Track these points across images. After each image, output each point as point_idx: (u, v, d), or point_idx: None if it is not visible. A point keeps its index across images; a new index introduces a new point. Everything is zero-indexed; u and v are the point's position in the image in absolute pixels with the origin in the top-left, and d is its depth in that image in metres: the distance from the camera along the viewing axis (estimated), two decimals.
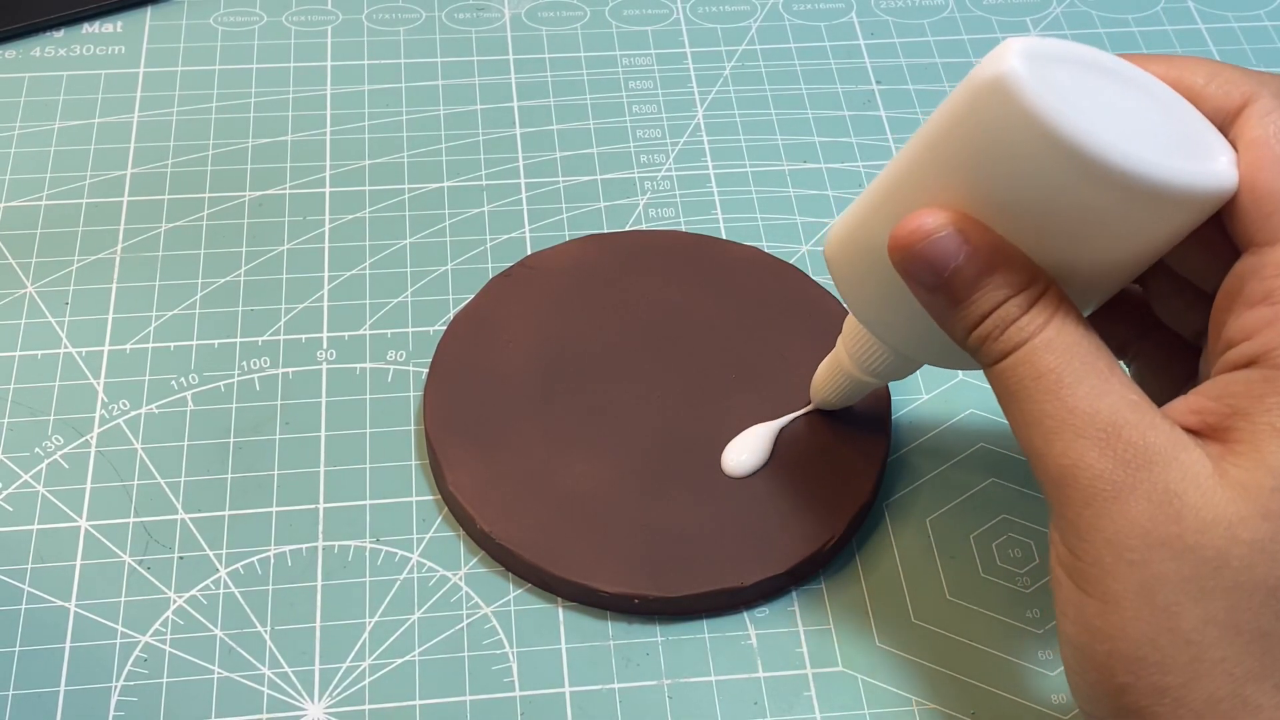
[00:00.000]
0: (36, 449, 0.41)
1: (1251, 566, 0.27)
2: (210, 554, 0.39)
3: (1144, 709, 0.28)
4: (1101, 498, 0.28)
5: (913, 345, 0.35)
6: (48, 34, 0.52)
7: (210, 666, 0.37)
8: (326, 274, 0.45)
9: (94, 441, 0.41)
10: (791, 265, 0.45)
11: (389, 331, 0.44)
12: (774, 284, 0.44)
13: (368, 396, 0.42)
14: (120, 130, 0.49)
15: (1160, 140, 0.29)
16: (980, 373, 0.34)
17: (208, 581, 0.38)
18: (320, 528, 0.39)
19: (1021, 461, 0.41)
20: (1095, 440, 0.28)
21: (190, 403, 0.42)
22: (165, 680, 0.36)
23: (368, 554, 0.39)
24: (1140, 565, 0.28)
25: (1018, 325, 0.30)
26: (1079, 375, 0.29)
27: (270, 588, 0.38)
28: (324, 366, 0.43)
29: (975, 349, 0.31)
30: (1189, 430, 0.29)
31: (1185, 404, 0.29)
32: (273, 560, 0.39)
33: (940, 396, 0.43)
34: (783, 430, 0.40)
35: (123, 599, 0.38)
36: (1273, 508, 0.27)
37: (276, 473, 0.40)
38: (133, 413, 0.41)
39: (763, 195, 0.48)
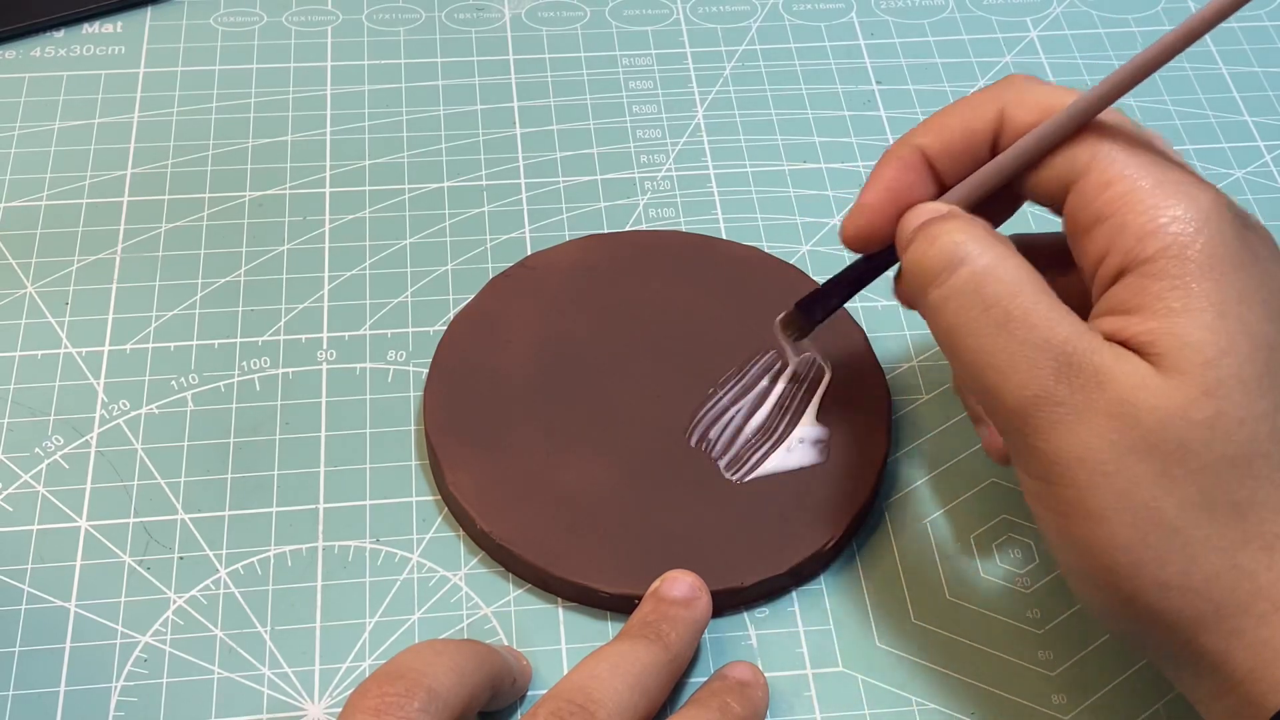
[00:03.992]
0: (36, 449, 0.41)
1: (1209, 444, 0.29)
2: (210, 554, 0.39)
3: (1156, 608, 0.30)
4: (1066, 422, 0.30)
5: None
6: (48, 34, 0.52)
7: (210, 667, 0.37)
8: (326, 274, 0.45)
9: (94, 441, 0.41)
10: (791, 265, 0.45)
11: (389, 331, 0.44)
12: (774, 284, 0.44)
13: (368, 396, 0.42)
14: (120, 130, 0.49)
15: None
16: None
17: (208, 581, 0.38)
18: (320, 528, 0.39)
19: None
20: (1051, 369, 0.30)
21: (190, 403, 0.42)
22: (165, 680, 0.36)
23: (368, 554, 0.39)
24: (1114, 474, 0.29)
25: (964, 254, 0.32)
26: (1028, 307, 0.31)
27: (270, 588, 0.38)
28: (324, 367, 0.43)
29: (919, 280, 0.33)
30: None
31: (1097, 330, 0.31)
32: (273, 560, 0.39)
33: (940, 397, 0.43)
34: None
35: (123, 599, 0.38)
36: (1210, 383, 0.29)
37: (276, 473, 0.40)
38: (133, 413, 0.41)
39: (763, 195, 0.48)
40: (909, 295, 0.35)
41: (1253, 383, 0.29)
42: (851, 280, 0.37)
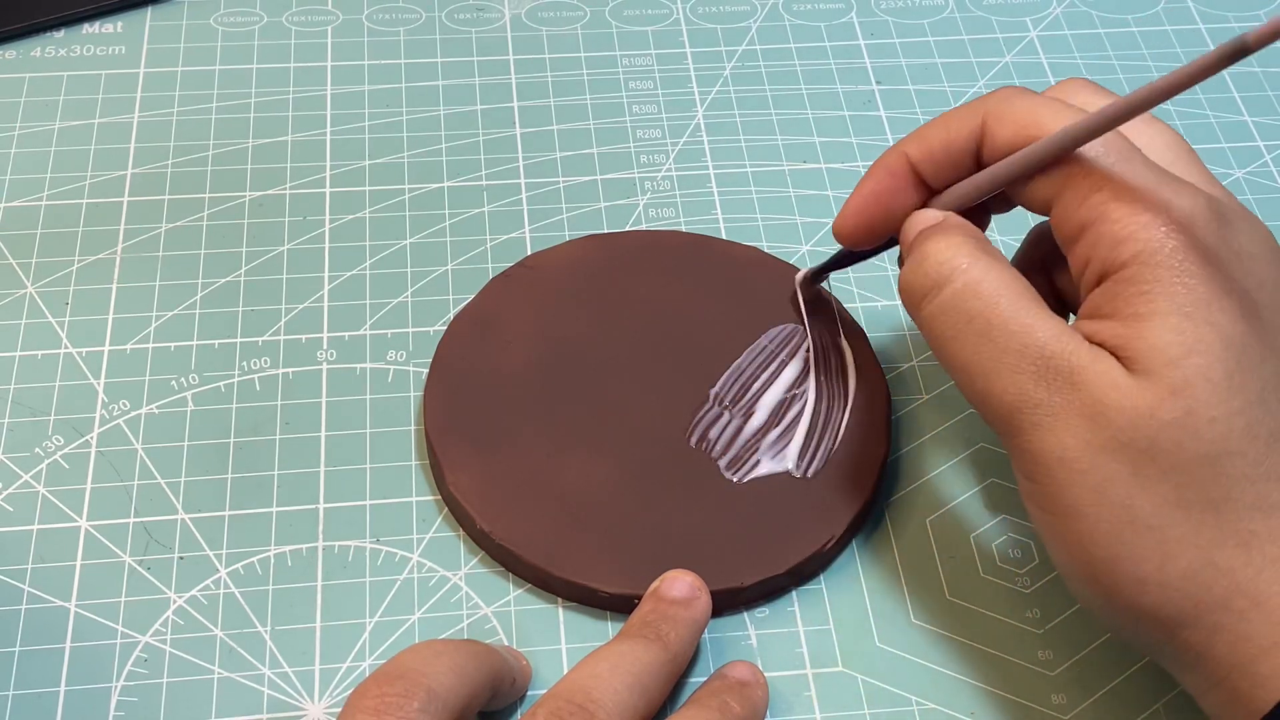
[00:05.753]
0: (36, 449, 0.41)
1: (1180, 443, 0.30)
2: (210, 554, 0.39)
3: (1135, 603, 0.31)
4: (1045, 423, 0.31)
5: None
6: (48, 34, 0.52)
7: (210, 666, 0.37)
8: (326, 274, 0.45)
9: (94, 441, 0.41)
10: (791, 265, 0.45)
11: (389, 331, 0.44)
12: (774, 284, 0.44)
13: (368, 396, 0.42)
14: (120, 130, 0.49)
15: None
16: None
17: (208, 581, 0.38)
18: (320, 528, 0.39)
19: None
20: (1031, 374, 0.31)
21: (190, 403, 0.42)
22: (165, 680, 0.36)
23: (368, 554, 0.39)
24: (1089, 472, 0.30)
25: (950, 270, 0.33)
26: (1006, 316, 0.32)
27: (270, 588, 0.38)
28: (324, 367, 0.43)
29: (912, 297, 0.34)
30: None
31: (1079, 332, 0.32)
32: (273, 560, 0.39)
33: (940, 396, 0.43)
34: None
35: (123, 599, 0.38)
36: (1178, 383, 0.30)
37: (276, 473, 0.40)
38: (133, 413, 0.41)
39: (763, 195, 0.48)
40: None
41: (1222, 381, 0.30)
42: (845, 256, 0.40)
